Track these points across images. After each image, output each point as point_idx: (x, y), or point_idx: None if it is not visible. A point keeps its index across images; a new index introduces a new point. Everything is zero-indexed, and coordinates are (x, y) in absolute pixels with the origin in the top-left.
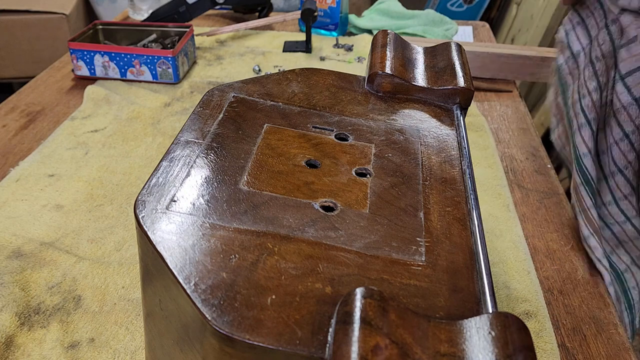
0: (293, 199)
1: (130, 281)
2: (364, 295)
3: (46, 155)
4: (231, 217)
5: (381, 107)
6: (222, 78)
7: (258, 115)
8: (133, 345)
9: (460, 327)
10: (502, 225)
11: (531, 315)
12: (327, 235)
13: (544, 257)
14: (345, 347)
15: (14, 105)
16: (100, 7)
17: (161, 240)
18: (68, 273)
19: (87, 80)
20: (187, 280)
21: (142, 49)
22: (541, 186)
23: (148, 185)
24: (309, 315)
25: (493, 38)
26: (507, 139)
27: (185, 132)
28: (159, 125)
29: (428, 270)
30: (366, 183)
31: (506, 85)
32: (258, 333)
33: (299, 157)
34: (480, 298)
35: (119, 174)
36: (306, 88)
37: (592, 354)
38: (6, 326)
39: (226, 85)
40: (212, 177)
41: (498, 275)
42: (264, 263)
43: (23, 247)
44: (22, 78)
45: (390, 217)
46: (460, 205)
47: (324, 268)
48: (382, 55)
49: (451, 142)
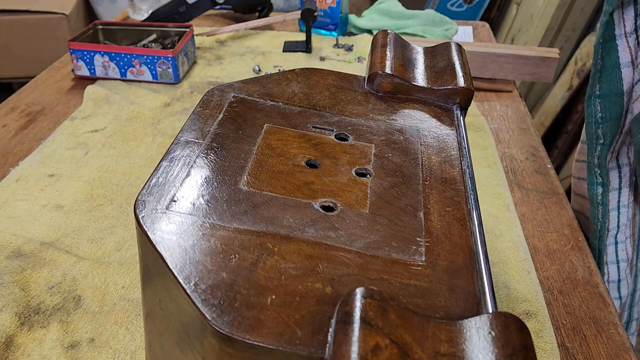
0: (293, 199)
1: (130, 281)
2: (364, 295)
3: (46, 155)
4: (231, 217)
5: (381, 107)
6: (222, 78)
7: (258, 115)
8: (133, 345)
9: (460, 327)
10: (502, 225)
11: (531, 315)
12: (327, 235)
13: (544, 257)
14: (345, 347)
15: (14, 105)
16: (100, 7)
17: (161, 240)
18: (68, 273)
19: (87, 80)
20: (187, 280)
21: (142, 49)
22: (541, 186)
23: (148, 185)
24: (309, 315)
25: (493, 38)
26: (507, 139)
27: (185, 132)
28: (159, 125)
29: (428, 270)
30: (366, 183)
31: (506, 85)
32: (258, 333)
33: (299, 157)
34: (480, 298)
35: (119, 174)
36: (306, 88)
37: (592, 354)
38: (6, 326)
39: (226, 85)
40: (212, 177)
41: (498, 275)
42: (264, 263)
43: (23, 247)
44: (22, 78)
45: (390, 217)
46: (460, 205)
47: (324, 268)
48: (382, 55)
49: (451, 142)
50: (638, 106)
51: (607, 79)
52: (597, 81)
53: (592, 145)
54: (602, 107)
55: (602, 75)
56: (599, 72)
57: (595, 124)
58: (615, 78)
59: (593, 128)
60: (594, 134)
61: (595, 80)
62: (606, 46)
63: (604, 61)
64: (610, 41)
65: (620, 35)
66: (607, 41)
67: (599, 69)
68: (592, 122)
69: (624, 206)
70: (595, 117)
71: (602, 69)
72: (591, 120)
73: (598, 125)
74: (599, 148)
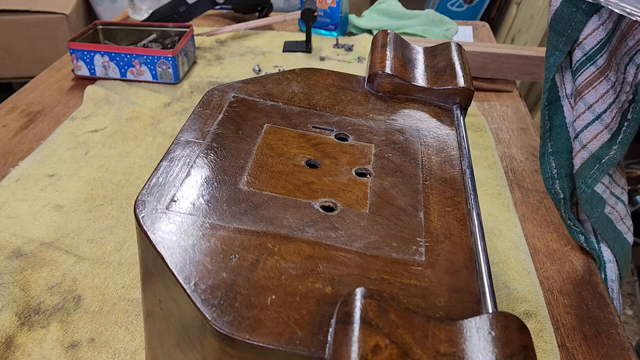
0: (293, 199)
1: (130, 281)
2: (364, 295)
3: (46, 155)
4: (231, 217)
5: (381, 107)
6: (222, 78)
7: (258, 115)
8: (133, 345)
9: (460, 327)
10: (502, 225)
11: (531, 315)
12: (327, 235)
13: (544, 257)
14: (345, 347)
15: (14, 105)
16: (100, 7)
17: (161, 240)
18: (68, 273)
19: (87, 80)
20: (187, 280)
21: (142, 49)
22: (541, 186)
23: (148, 185)
24: (309, 315)
25: (493, 38)
26: (507, 139)
27: (185, 132)
28: (159, 125)
29: (428, 270)
30: (366, 183)
31: (506, 85)
32: (258, 333)
33: (299, 157)
34: (480, 298)
35: (119, 174)
36: (306, 88)
37: (592, 354)
38: (6, 326)
39: (226, 85)
40: (212, 177)
41: (498, 275)
42: (264, 263)
43: (23, 247)
44: (22, 78)
45: (390, 217)
46: (460, 205)
47: (324, 268)
48: (382, 55)
49: (451, 142)
50: (578, 162)
51: (557, 138)
52: (548, 140)
53: (555, 201)
54: (556, 164)
55: (551, 135)
56: (549, 132)
57: (552, 180)
58: (564, 136)
59: (550, 183)
60: (553, 189)
61: (546, 140)
62: (552, 107)
63: (552, 121)
64: (556, 102)
65: (563, 96)
66: (553, 102)
67: (548, 128)
68: (549, 178)
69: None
70: (551, 173)
71: (551, 129)
72: (548, 176)
73: (554, 180)
74: (561, 203)
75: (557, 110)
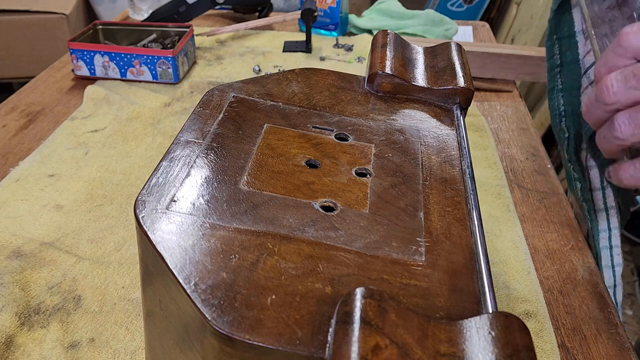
0: (293, 199)
1: (130, 281)
2: (364, 295)
3: (46, 155)
4: (231, 217)
5: (381, 107)
6: (222, 78)
7: (258, 115)
8: (133, 345)
9: (460, 327)
10: (502, 225)
11: (531, 315)
12: (327, 235)
13: (544, 257)
14: (345, 347)
15: (14, 105)
16: (100, 7)
17: (161, 240)
18: (68, 273)
19: (87, 80)
20: (187, 280)
21: (142, 49)
22: (541, 186)
23: (148, 185)
24: (309, 315)
25: (493, 38)
26: (507, 139)
27: (185, 132)
28: (159, 125)
29: (428, 270)
30: (366, 183)
31: (506, 85)
32: (258, 333)
33: (299, 157)
34: (480, 298)
35: (119, 174)
36: (306, 88)
37: (592, 354)
38: (6, 326)
39: (226, 85)
40: (212, 177)
41: (498, 275)
42: (264, 263)
43: (23, 247)
44: (22, 78)
45: (390, 217)
46: (460, 205)
47: (324, 268)
48: (382, 55)
49: (451, 142)
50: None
51: (568, 74)
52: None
53: (560, 140)
54: (565, 101)
55: (562, 70)
56: (559, 67)
57: (559, 117)
58: (575, 73)
59: (557, 121)
60: (559, 126)
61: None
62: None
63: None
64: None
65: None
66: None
67: (559, 64)
68: (557, 115)
69: (611, 207)
70: (558, 110)
71: (562, 64)
72: (555, 113)
73: (561, 118)
74: (565, 142)
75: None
